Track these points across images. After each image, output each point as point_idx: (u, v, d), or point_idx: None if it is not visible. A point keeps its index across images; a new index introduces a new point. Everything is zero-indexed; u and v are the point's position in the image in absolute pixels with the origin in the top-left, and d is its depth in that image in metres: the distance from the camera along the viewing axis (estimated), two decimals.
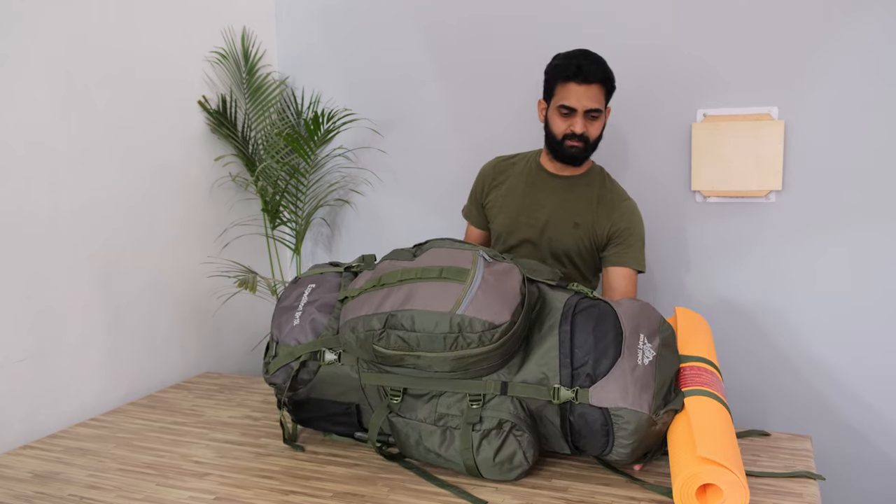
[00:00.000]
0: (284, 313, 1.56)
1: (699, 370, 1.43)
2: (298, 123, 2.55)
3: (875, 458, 2.13)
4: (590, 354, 1.36)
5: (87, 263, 1.91)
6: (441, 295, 1.36)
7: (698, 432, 1.25)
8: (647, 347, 1.38)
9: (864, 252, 2.07)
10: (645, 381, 1.33)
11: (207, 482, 1.46)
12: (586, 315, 1.42)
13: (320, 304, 1.54)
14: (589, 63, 1.77)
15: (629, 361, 1.34)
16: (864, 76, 2.01)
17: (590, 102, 1.77)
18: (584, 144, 1.81)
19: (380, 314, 1.38)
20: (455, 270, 1.41)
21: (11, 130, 1.70)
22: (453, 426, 1.39)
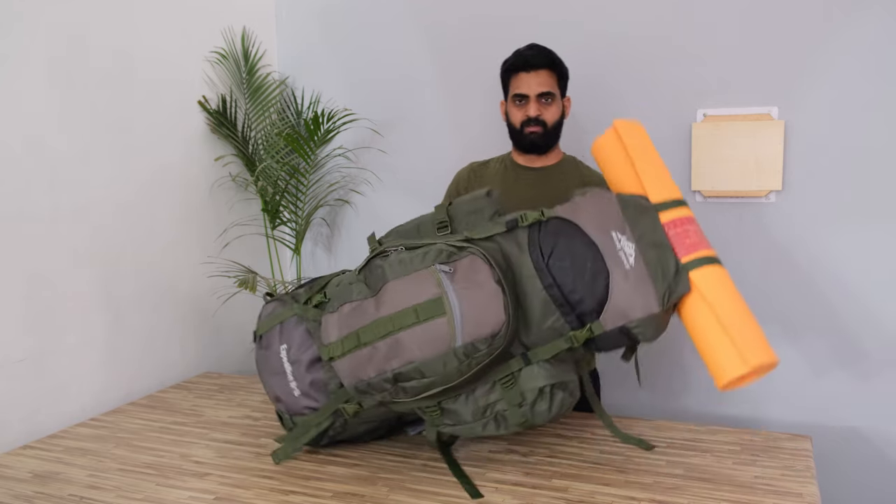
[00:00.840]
0: (276, 381, 1.54)
1: (682, 229, 1.40)
2: (298, 123, 2.55)
3: (875, 458, 2.13)
4: (583, 291, 1.37)
5: (87, 263, 1.91)
6: (432, 337, 1.35)
7: (733, 331, 1.31)
8: (626, 244, 1.38)
9: (864, 252, 2.07)
10: (641, 280, 1.35)
11: (207, 482, 1.46)
12: (558, 256, 1.40)
13: (307, 363, 1.51)
14: (534, 52, 1.84)
15: (618, 272, 1.36)
16: (865, 76, 2.01)
17: (540, 87, 1.82)
18: (542, 129, 1.84)
19: (384, 375, 1.38)
20: (429, 306, 1.35)
21: (12, 130, 1.71)
22: (501, 410, 1.40)
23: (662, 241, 1.38)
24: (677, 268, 1.36)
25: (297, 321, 1.53)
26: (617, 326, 1.37)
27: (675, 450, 1.56)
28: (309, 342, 1.51)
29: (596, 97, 2.27)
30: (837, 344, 2.12)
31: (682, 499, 1.34)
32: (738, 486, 1.38)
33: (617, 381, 2.38)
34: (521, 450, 1.57)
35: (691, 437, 1.63)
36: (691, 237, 1.40)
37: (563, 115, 1.89)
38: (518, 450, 1.57)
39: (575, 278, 1.38)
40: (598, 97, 2.27)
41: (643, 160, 1.48)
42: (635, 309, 1.35)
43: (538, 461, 1.51)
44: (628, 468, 1.47)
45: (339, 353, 1.42)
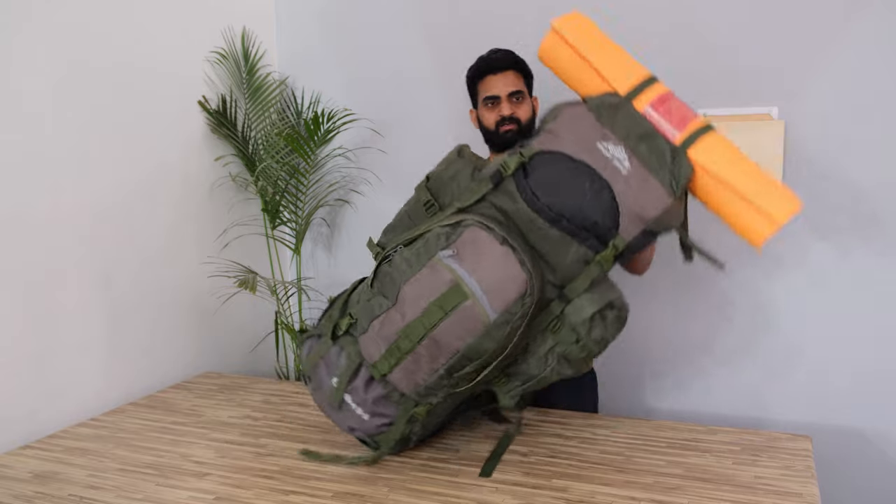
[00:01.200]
0: (342, 414, 1.50)
1: (663, 108, 1.38)
2: (298, 123, 2.55)
3: (875, 457, 2.13)
4: (592, 213, 1.36)
5: (87, 263, 1.91)
6: (465, 323, 1.33)
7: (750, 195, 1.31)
8: (614, 150, 1.36)
9: (864, 252, 2.07)
10: (643, 178, 1.33)
11: (207, 482, 1.46)
12: (551, 191, 1.37)
13: (363, 387, 1.46)
14: (498, 55, 1.86)
15: (619, 180, 1.35)
16: (865, 76, 2.01)
17: (508, 87, 1.82)
18: (517, 126, 1.82)
19: (437, 373, 1.38)
20: (449, 296, 1.34)
21: (12, 130, 1.70)
22: (561, 352, 1.40)
23: (648, 131, 1.36)
24: (673, 152, 1.35)
25: (337, 351, 1.50)
26: (639, 232, 1.36)
27: (675, 450, 1.56)
28: (351, 368, 1.48)
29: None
30: (838, 344, 2.12)
31: (682, 499, 1.34)
32: (738, 486, 1.38)
33: (617, 381, 2.38)
34: (521, 450, 1.57)
35: (691, 437, 1.63)
36: (674, 114, 1.37)
37: (534, 113, 1.89)
38: (518, 450, 1.57)
39: (578, 204, 1.36)
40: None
41: (596, 53, 1.42)
42: (648, 208, 1.34)
43: (538, 461, 1.51)
44: (628, 468, 1.47)
45: (388, 368, 1.41)
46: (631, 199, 1.35)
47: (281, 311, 2.45)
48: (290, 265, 2.74)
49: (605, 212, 1.36)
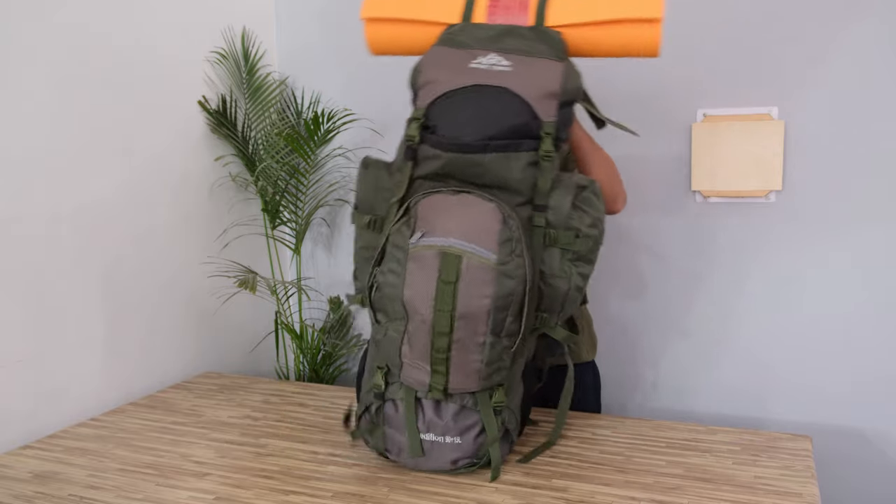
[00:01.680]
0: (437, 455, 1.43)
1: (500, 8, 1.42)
2: (298, 123, 2.55)
3: (874, 458, 2.13)
4: (509, 119, 1.35)
5: (87, 263, 1.91)
6: (477, 278, 1.30)
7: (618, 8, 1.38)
8: (487, 59, 1.37)
9: (864, 252, 2.07)
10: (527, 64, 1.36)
11: (207, 482, 1.46)
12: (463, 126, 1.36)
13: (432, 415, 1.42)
14: None
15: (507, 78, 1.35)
16: (865, 76, 2.01)
17: None
18: None
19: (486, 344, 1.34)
20: (446, 267, 1.30)
21: (11, 130, 1.71)
22: (571, 257, 1.40)
23: (503, 29, 1.39)
24: (534, 30, 1.38)
25: (392, 407, 1.43)
26: (555, 108, 1.35)
27: (675, 450, 1.56)
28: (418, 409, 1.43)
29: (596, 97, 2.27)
30: (838, 344, 2.12)
31: (682, 499, 1.34)
32: (738, 486, 1.38)
33: (617, 381, 2.38)
34: (522, 450, 1.57)
35: (691, 437, 1.63)
36: (512, 5, 1.41)
37: None
38: (518, 450, 1.57)
39: (490, 120, 1.35)
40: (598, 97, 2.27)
41: (410, 9, 1.45)
42: (549, 82, 1.34)
43: (538, 461, 1.51)
44: (628, 468, 1.47)
45: (443, 379, 1.35)
46: (529, 85, 1.35)
47: (281, 311, 2.46)
48: (290, 265, 2.74)
49: (516, 110, 1.35)
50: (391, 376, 1.43)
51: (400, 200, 1.40)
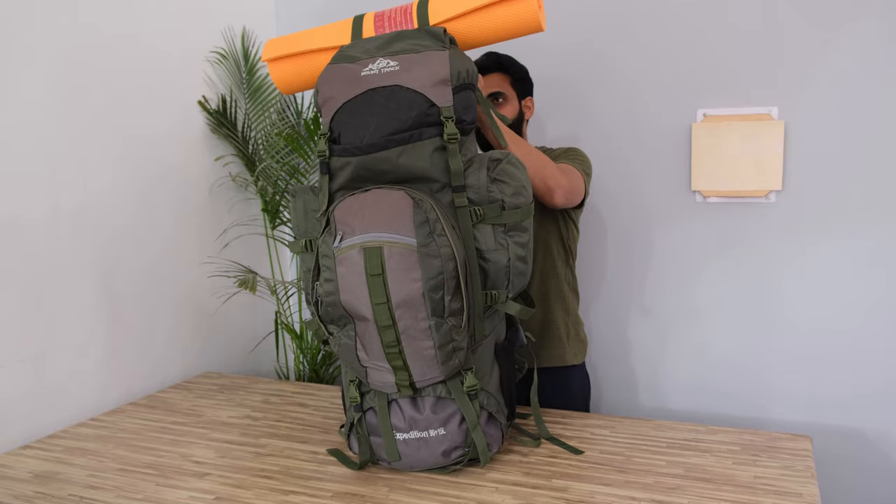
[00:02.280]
0: (430, 451, 1.44)
1: (385, 20, 1.50)
2: (298, 123, 2.55)
3: (875, 458, 2.13)
4: (406, 112, 1.38)
5: (87, 263, 1.91)
6: (402, 265, 1.31)
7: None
8: (376, 64, 1.41)
9: (864, 252, 2.07)
10: (415, 60, 1.40)
11: (207, 482, 1.46)
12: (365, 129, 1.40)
13: (410, 411, 1.44)
14: (483, 58, 1.90)
15: (399, 76, 1.39)
16: (865, 76, 2.01)
17: (487, 89, 1.85)
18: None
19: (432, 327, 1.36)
20: (370, 261, 1.31)
21: (11, 131, 1.71)
22: (503, 229, 1.42)
23: (391, 35, 1.44)
24: (420, 30, 1.45)
25: (372, 414, 1.45)
26: (450, 93, 1.38)
27: (675, 450, 1.56)
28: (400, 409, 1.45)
29: (596, 97, 2.27)
30: (837, 343, 2.12)
31: (682, 499, 1.34)
32: (738, 486, 1.38)
33: (617, 381, 2.38)
34: (522, 450, 1.57)
35: (691, 437, 1.63)
36: (395, 14, 1.49)
37: (522, 115, 1.90)
38: (518, 450, 1.57)
39: (390, 117, 1.39)
40: (598, 97, 2.27)
41: (308, 42, 1.53)
42: (439, 70, 1.38)
43: (538, 461, 1.51)
44: (628, 468, 1.47)
45: (407, 374, 1.37)
46: (419, 77, 1.39)
47: (281, 311, 2.46)
48: (290, 265, 2.74)
49: (412, 102, 1.38)
50: (363, 386, 1.45)
51: (324, 214, 1.44)
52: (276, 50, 1.56)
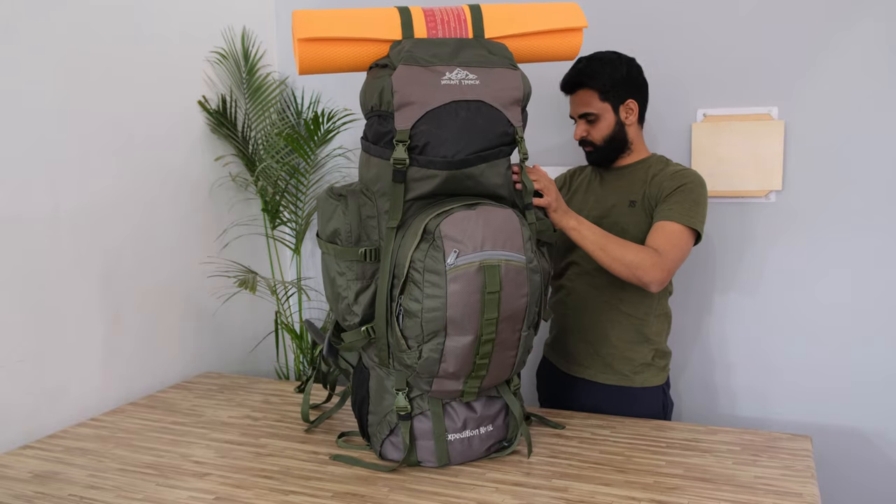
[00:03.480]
0: (471, 446, 1.53)
1: (438, 23, 1.47)
2: (298, 123, 2.55)
3: (875, 458, 2.13)
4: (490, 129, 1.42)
5: (87, 263, 1.91)
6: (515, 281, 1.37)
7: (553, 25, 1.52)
8: (454, 74, 1.40)
9: (864, 252, 2.07)
10: (490, 75, 1.42)
11: (207, 482, 1.46)
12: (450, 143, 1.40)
13: (463, 414, 1.51)
14: (569, 74, 1.83)
15: (478, 90, 1.41)
16: (865, 76, 2.01)
17: (577, 109, 1.84)
18: (592, 148, 1.86)
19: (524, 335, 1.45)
20: (489, 279, 1.34)
21: (12, 130, 1.71)
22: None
23: (457, 43, 1.43)
24: (480, 41, 1.45)
25: (422, 419, 1.48)
26: (520, 112, 1.46)
27: (675, 450, 1.56)
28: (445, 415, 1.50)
29: None
30: (837, 344, 2.12)
31: (682, 499, 1.34)
32: (738, 486, 1.38)
33: None
34: (521, 450, 1.57)
35: (691, 437, 1.63)
36: (448, 18, 1.46)
37: (621, 124, 1.82)
38: (518, 450, 1.57)
39: (473, 133, 1.41)
40: None
41: (349, 28, 1.43)
42: (513, 90, 1.44)
43: (538, 461, 1.52)
44: (628, 468, 1.47)
45: (478, 381, 1.43)
46: (499, 95, 1.42)
47: (281, 311, 2.46)
48: (290, 265, 2.74)
49: (493, 119, 1.42)
50: (413, 392, 1.47)
51: (399, 227, 1.41)
52: (314, 29, 1.41)
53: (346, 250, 1.45)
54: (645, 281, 1.63)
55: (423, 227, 1.35)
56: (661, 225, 1.71)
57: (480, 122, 1.41)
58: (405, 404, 1.45)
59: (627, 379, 1.84)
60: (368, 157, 1.47)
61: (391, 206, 1.41)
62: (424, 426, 1.47)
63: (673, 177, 1.78)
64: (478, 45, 1.44)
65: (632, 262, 1.62)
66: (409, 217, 1.42)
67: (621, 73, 1.80)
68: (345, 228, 1.45)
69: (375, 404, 1.51)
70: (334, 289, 1.48)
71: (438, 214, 1.36)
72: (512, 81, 1.43)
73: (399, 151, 1.38)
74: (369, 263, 1.44)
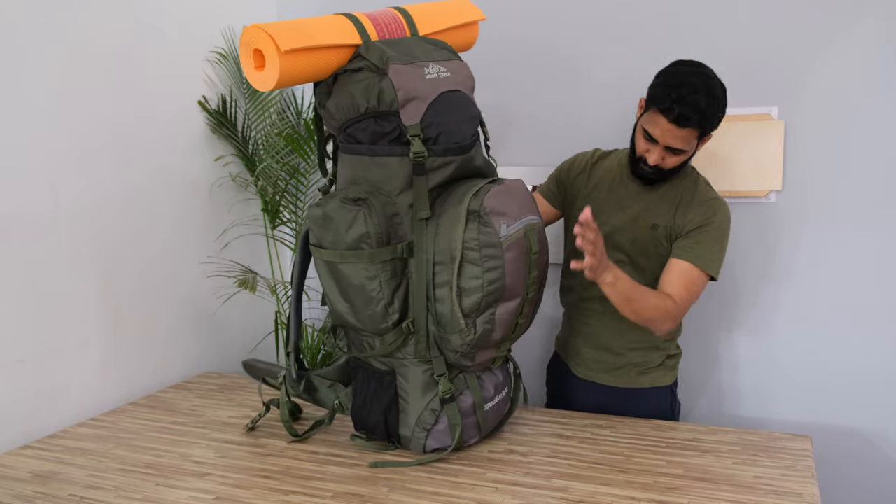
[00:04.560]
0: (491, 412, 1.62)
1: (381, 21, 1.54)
2: (298, 123, 2.55)
3: (875, 458, 2.13)
4: (474, 111, 1.55)
5: (88, 263, 1.91)
6: (542, 241, 1.53)
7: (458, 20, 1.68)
8: (430, 70, 1.47)
9: (864, 252, 2.07)
10: (451, 68, 1.53)
11: (207, 482, 1.46)
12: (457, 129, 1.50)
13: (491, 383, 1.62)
14: (687, 106, 1.57)
15: (451, 82, 1.50)
16: (865, 76, 2.01)
17: (674, 141, 1.62)
18: (656, 172, 1.70)
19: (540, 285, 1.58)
20: (531, 240, 1.49)
21: (12, 131, 1.71)
22: None
23: (412, 39, 1.53)
24: (425, 38, 1.57)
25: (465, 397, 1.55)
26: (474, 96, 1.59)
27: (675, 450, 1.56)
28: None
29: (596, 98, 2.27)
30: (837, 344, 2.12)
31: (682, 499, 1.34)
32: (738, 486, 1.38)
33: None
34: (521, 450, 1.58)
35: (691, 437, 1.63)
36: (383, 20, 1.54)
37: (691, 156, 1.71)
38: (518, 450, 1.58)
39: (465, 126, 1.50)
40: (598, 97, 2.27)
41: (319, 37, 1.43)
42: (471, 78, 1.57)
43: (538, 461, 1.52)
44: (628, 468, 1.47)
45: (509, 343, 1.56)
46: (465, 83, 1.54)
47: (281, 311, 2.45)
48: (290, 265, 2.74)
49: (470, 105, 1.54)
50: (451, 373, 1.52)
51: (430, 217, 1.46)
52: (294, 42, 1.39)
53: (378, 252, 1.44)
54: (657, 330, 1.70)
55: (465, 209, 1.41)
56: (680, 267, 1.68)
57: (466, 109, 1.51)
58: (449, 387, 1.50)
59: (636, 381, 1.85)
60: (370, 159, 1.46)
61: (416, 199, 1.45)
62: (466, 403, 1.54)
63: (701, 208, 1.71)
64: (429, 42, 1.55)
65: (650, 319, 1.64)
66: (435, 206, 1.47)
67: (721, 116, 1.65)
68: (375, 231, 1.43)
69: (413, 401, 1.53)
70: (363, 295, 1.46)
71: (475, 194, 1.43)
72: (468, 70, 1.56)
73: (417, 145, 1.42)
74: (400, 260, 1.47)
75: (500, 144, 2.38)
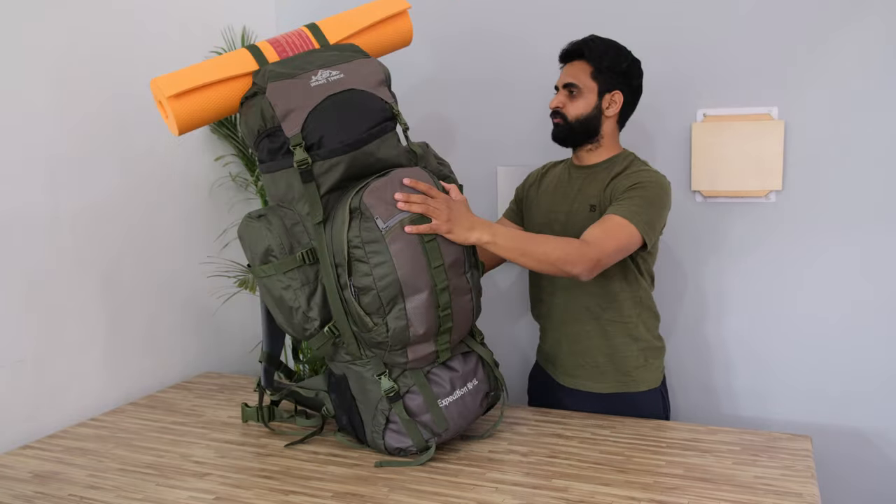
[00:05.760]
0: (465, 409, 1.58)
1: (282, 46, 1.59)
2: None
3: (875, 458, 2.13)
4: (372, 106, 1.51)
5: (88, 263, 1.91)
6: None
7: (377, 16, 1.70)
8: (320, 75, 1.48)
9: (864, 252, 2.07)
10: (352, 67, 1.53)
11: (207, 482, 1.46)
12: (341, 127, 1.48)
13: (448, 376, 1.56)
14: (573, 42, 1.79)
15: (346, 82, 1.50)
16: (865, 76, 2.01)
17: (564, 78, 1.78)
18: (562, 121, 1.77)
19: (469, 274, 1.56)
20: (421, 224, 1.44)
21: (12, 131, 1.71)
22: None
23: (312, 52, 1.56)
24: (331, 45, 1.60)
25: (412, 397, 1.51)
26: (388, 90, 1.56)
27: (675, 450, 1.56)
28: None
29: None
30: (838, 343, 2.12)
31: (682, 499, 1.34)
32: (738, 486, 1.38)
33: None
34: (521, 450, 1.58)
35: (691, 437, 1.63)
36: (289, 40, 1.58)
37: (599, 110, 1.76)
38: (518, 450, 1.58)
39: (358, 114, 1.49)
40: None
41: (211, 74, 1.51)
42: (378, 72, 1.55)
43: (538, 461, 1.52)
44: (628, 468, 1.47)
45: (448, 336, 1.51)
46: (366, 80, 1.52)
47: None
48: None
49: (368, 100, 1.51)
50: (393, 372, 1.50)
51: (324, 221, 1.47)
52: (180, 85, 1.47)
53: (284, 261, 1.47)
54: (573, 273, 1.56)
55: (347, 207, 1.42)
56: (603, 218, 1.65)
57: (359, 105, 1.49)
58: (391, 385, 1.48)
59: (622, 385, 1.82)
60: (272, 176, 1.53)
61: (310, 206, 1.47)
62: (416, 401, 1.50)
63: (630, 176, 1.73)
64: (329, 49, 1.58)
65: (557, 259, 1.54)
66: (330, 209, 1.48)
67: (621, 64, 1.76)
68: (276, 242, 1.48)
69: (363, 402, 1.53)
70: (283, 306, 1.50)
71: (357, 192, 1.43)
72: (371, 67, 1.55)
73: (299, 153, 1.44)
74: (309, 266, 1.48)
75: (501, 144, 2.38)
